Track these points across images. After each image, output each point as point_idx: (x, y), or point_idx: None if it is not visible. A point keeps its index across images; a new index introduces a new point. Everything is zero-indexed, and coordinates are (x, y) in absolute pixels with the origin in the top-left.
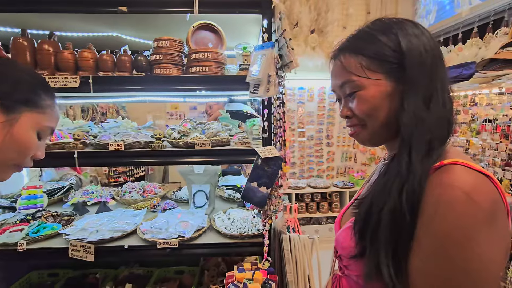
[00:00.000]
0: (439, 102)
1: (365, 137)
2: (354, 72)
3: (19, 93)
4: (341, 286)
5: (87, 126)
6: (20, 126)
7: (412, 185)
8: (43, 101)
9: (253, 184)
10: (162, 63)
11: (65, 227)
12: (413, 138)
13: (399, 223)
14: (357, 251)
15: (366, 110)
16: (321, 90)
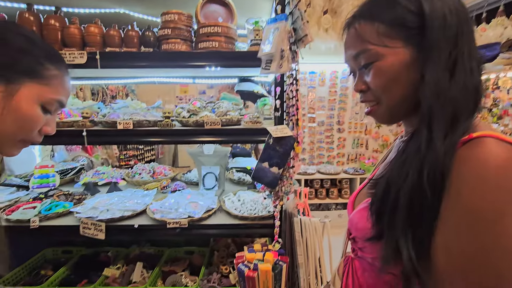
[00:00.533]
0: (465, 71)
1: (382, 114)
2: (370, 41)
3: (19, 62)
4: (354, 268)
5: (96, 106)
6: (20, 97)
7: (434, 162)
8: (47, 71)
9: (264, 164)
10: (170, 38)
11: (76, 206)
12: (434, 111)
13: (420, 202)
14: (374, 233)
15: (383, 82)
16: (333, 74)
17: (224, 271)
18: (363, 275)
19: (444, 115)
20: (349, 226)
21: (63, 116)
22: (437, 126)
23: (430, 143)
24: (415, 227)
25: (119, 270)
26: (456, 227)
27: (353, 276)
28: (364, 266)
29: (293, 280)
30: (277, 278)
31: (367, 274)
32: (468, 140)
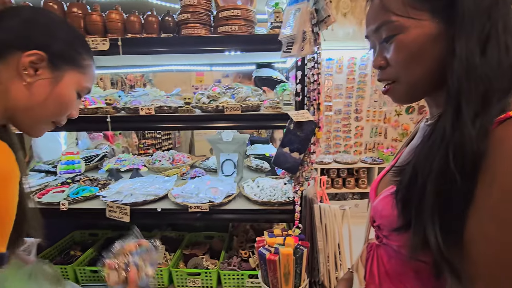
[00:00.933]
0: (500, 47)
1: (401, 93)
2: (394, 11)
3: (65, 52)
4: (379, 255)
5: (117, 95)
6: (64, 84)
7: (463, 145)
8: (85, 61)
9: (285, 149)
10: (190, 22)
11: (101, 190)
12: (463, 89)
13: (449, 189)
14: (400, 222)
15: (405, 57)
16: (351, 61)
17: (244, 255)
18: (390, 262)
19: (474, 94)
20: (372, 214)
21: (88, 103)
22: (466, 106)
23: (458, 125)
24: (444, 215)
25: None
26: (493, 213)
27: (378, 263)
28: (390, 253)
29: (312, 265)
30: (298, 262)
31: (394, 261)
32: (505, 119)
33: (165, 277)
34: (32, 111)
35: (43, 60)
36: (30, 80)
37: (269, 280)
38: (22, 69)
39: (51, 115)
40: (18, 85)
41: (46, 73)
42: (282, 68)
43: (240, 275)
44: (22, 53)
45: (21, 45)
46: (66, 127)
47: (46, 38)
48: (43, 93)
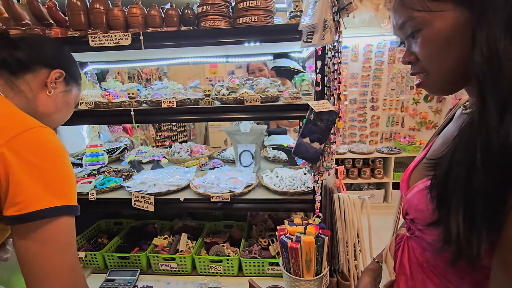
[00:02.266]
0: None
1: (434, 86)
2: (414, 7)
3: (73, 72)
4: (410, 247)
5: (136, 88)
6: (71, 96)
7: (489, 141)
8: (80, 80)
9: (305, 139)
10: (209, 14)
11: (125, 181)
12: (487, 80)
13: (487, 188)
14: (435, 218)
15: (432, 51)
16: (367, 49)
17: (263, 244)
18: (423, 255)
19: (499, 83)
20: (406, 207)
21: (111, 97)
22: (492, 97)
23: (484, 117)
24: (482, 214)
25: (166, 240)
26: None
27: (409, 255)
28: (424, 246)
29: (332, 253)
30: (319, 250)
31: (429, 254)
32: None
33: (189, 264)
34: (53, 116)
35: (61, 77)
36: (52, 91)
37: (291, 267)
38: (49, 82)
39: (62, 120)
40: (43, 95)
41: (62, 87)
42: (298, 58)
43: (261, 262)
44: (50, 70)
45: (49, 63)
46: (93, 120)
47: (64, 61)
48: (60, 102)
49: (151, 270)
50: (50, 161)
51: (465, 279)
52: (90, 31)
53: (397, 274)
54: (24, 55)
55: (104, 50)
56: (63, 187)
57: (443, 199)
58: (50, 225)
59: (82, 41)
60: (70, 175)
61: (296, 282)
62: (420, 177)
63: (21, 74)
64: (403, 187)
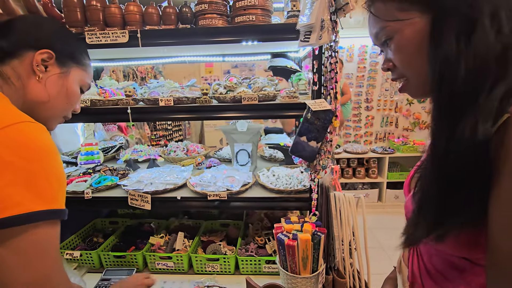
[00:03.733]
0: (486, 31)
1: (414, 90)
2: (383, 18)
3: (69, 50)
4: (420, 253)
5: (132, 86)
6: (71, 79)
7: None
8: (85, 60)
9: (302, 138)
10: (207, 13)
11: (121, 180)
12: (445, 92)
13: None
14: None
15: (405, 57)
16: (362, 49)
17: (260, 242)
18: (430, 261)
19: (450, 94)
20: (406, 212)
21: (108, 95)
22: (454, 112)
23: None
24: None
25: (162, 239)
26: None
27: (418, 262)
28: (430, 251)
29: (328, 251)
30: (316, 247)
31: (435, 258)
32: None
33: (185, 263)
34: (47, 104)
35: (52, 58)
36: (42, 75)
37: (288, 264)
38: (35, 66)
39: (62, 108)
40: (33, 80)
41: (55, 69)
42: (295, 57)
43: (258, 260)
44: (35, 52)
45: (33, 45)
46: (89, 118)
47: (54, 39)
48: (55, 87)
49: (147, 269)
50: (34, 161)
51: (472, 284)
52: (86, 28)
53: (411, 283)
54: (6, 42)
55: (101, 48)
56: (48, 190)
57: (421, 206)
58: (31, 232)
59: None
60: (58, 175)
61: (293, 279)
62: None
63: (7, 61)
64: (405, 192)
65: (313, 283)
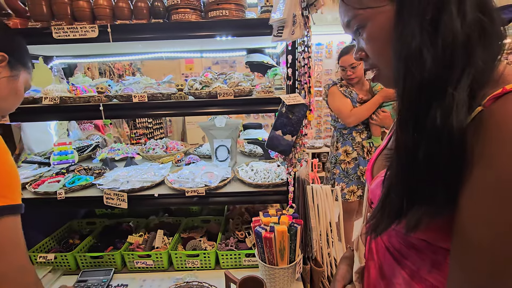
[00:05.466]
0: (455, 20)
1: (386, 79)
2: (353, 6)
3: (20, 54)
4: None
5: (106, 83)
6: (19, 81)
7: (435, 147)
8: (30, 63)
9: (277, 132)
10: (180, 7)
11: (97, 179)
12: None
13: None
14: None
15: (377, 46)
16: (340, 46)
17: (240, 236)
18: (389, 240)
19: (421, 84)
20: (371, 197)
21: (79, 92)
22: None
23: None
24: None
25: (141, 237)
26: (489, 198)
27: (376, 240)
28: (389, 232)
29: (306, 242)
30: (292, 238)
31: (394, 239)
32: (502, 95)
33: (165, 260)
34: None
35: (4, 61)
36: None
37: (266, 256)
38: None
39: (7, 108)
40: None
41: (6, 72)
42: (273, 53)
43: (237, 254)
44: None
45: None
46: (59, 116)
47: (7, 42)
48: (5, 89)
49: (126, 269)
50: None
51: (426, 261)
52: (53, 22)
53: (367, 259)
54: None
55: (69, 43)
56: (2, 186)
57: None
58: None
59: (44, 33)
60: (10, 171)
61: (271, 270)
62: (382, 167)
63: None
64: (368, 177)
65: (290, 273)
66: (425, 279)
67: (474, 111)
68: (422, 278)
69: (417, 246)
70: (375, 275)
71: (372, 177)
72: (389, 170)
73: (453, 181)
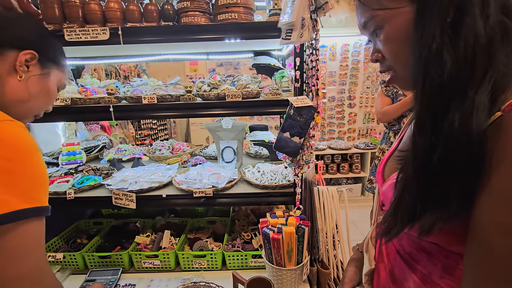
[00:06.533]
0: (478, 22)
1: (402, 82)
2: (372, 7)
3: (51, 52)
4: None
5: (114, 85)
6: (51, 80)
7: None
8: (63, 61)
9: (285, 134)
10: (190, 10)
11: (105, 179)
12: (429, 87)
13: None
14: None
15: (394, 48)
16: (344, 48)
17: (246, 238)
18: (400, 243)
19: (441, 87)
20: (382, 199)
21: (89, 93)
22: (432, 102)
23: (436, 133)
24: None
25: (148, 237)
26: (507, 205)
27: (387, 243)
28: (400, 235)
29: (313, 243)
30: (300, 240)
31: (404, 241)
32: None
33: (172, 260)
34: (27, 103)
35: (34, 59)
36: (24, 75)
37: (273, 257)
38: (18, 65)
39: (39, 107)
40: (13, 80)
41: (36, 70)
42: (279, 55)
43: (244, 255)
44: (18, 52)
45: (17, 44)
46: (70, 117)
47: (37, 40)
48: (36, 87)
49: (133, 269)
50: (15, 161)
51: (438, 265)
52: (65, 24)
53: (377, 262)
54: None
55: (80, 45)
56: (30, 188)
57: (405, 193)
58: (15, 231)
59: (56, 35)
60: (40, 173)
61: (278, 271)
62: (393, 170)
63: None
64: (379, 179)
65: (298, 274)
66: (437, 284)
67: (493, 115)
68: (434, 283)
69: (428, 249)
70: (385, 278)
71: (383, 179)
72: (402, 173)
73: (469, 186)
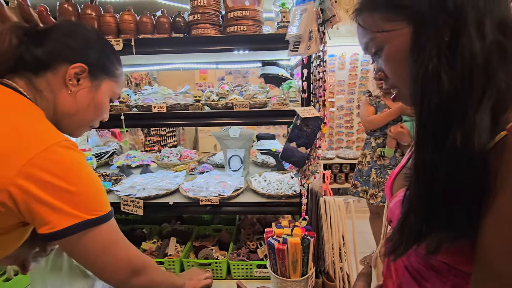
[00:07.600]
0: (474, 42)
1: (405, 99)
2: (371, 29)
3: (103, 62)
4: None
5: (126, 93)
6: (102, 91)
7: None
8: (117, 70)
9: (292, 144)
10: (200, 23)
11: (114, 185)
12: (428, 107)
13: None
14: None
15: (394, 68)
16: (353, 57)
17: (251, 247)
18: (408, 259)
19: (440, 107)
20: (389, 215)
21: None
22: (432, 122)
23: (436, 154)
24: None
25: (154, 244)
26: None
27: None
28: (409, 252)
29: (318, 255)
30: (305, 251)
31: (413, 258)
32: None
33: (177, 268)
34: (76, 116)
35: (84, 72)
36: (74, 89)
37: (278, 268)
38: (67, 79)
39: (90, 119)
40: (64, 93)
41: (86, 82)
42: (287, 65)
43: (249, 265)
44: (68, 65)
45: (68, 57)
46: None
47: (88, 51)
48: (85, 100)
49: None
50: (73, 182)
51: (447, 284)
52: None
53: (385, 277)
54: (43, 52)
55: None
56: (92, 202)
57: (410, 211)
58: (87, 236)
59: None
60: (96, 185)
61: (283, 283)
62: (401, 186)
63: (41, 73)
64: (387, 195)
65: (303, 286)
66: None
67: (498, 135)
68: None
69: (437, 267)
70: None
71: (391, 195)
72: (408, 190)
73: (474, 206)
